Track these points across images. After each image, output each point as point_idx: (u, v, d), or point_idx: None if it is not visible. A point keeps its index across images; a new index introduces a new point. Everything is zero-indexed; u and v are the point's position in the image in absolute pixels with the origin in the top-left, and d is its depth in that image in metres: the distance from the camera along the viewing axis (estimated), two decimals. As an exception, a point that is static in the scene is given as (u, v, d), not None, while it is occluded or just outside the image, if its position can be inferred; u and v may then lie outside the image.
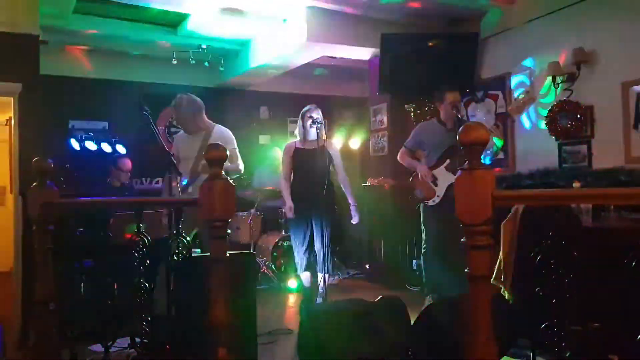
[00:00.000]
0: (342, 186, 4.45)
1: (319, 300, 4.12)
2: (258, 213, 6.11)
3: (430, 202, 4.19)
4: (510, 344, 2.89)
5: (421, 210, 4.34)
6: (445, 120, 4.27)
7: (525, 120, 4.98)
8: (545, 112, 4.64)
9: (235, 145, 4.07)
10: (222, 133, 4.05)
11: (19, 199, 3.99)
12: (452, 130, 4.12)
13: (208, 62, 6.44)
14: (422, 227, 4.36)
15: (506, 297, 3.31)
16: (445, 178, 4.10)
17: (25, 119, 4.10)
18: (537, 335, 2.03)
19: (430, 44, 5.43)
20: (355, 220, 4.49)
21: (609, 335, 2.24)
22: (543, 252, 1.94)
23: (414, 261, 5.45)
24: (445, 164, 4.17)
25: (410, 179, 4.37)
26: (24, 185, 3.89)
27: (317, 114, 4.22)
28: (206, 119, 4.08)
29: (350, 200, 4.47)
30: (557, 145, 4.64)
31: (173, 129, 6.45)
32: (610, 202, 3.11)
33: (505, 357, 2.92)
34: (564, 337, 1.92)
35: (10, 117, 4.32)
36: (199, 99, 4.03)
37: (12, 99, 4.10)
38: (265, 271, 5.75)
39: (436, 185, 4.17)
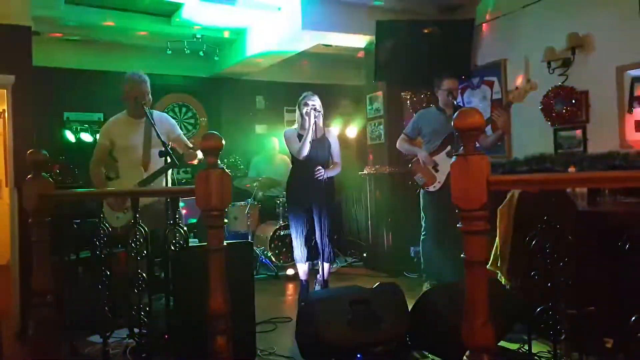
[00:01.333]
0: (330, 167, 4.19)
1: (318, 288, 4.13)
2: (255, 203, 6.12)
3: (431, 188, 4.20)
4: (506, 329, 2.92)
5: (421, 196, 4.35)
6: (443, 107, 4.29)
7: (520, 106, 4.97)
8: (540, 98, 4.64)
9: (180, 131, 3.71)
10: (164, 118, 3.67)
11: (15, 191, 3.99)
12: (452, 117, 4.09)
13: (203, 52, 6.40)
14: (422, 214, 4.36)
15: (502, 281, 3.34)
16: (446, 164, 4.10)
17: (19, 111, 4.08)
18: (532, 319, 2.04)
19: (426, 30, 5.40)
20: (320, 174, 4.07)
21: (603, 318, 2.26)
22: (538, 236, 1.94)
23: (412, 248, 5.47)
24: (446, 150, 4.17)
25: (410, 165, 4.36)
26: (19, 178, 3.88)
27: (314, 101, 4.11)
28: None
29: (328, 171, 4.14)
30: (552, 131, 4.65)
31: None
32: (604, 186, 3.13)
33: (501, 341, 2.95)
34: (559, 320, 1.94)
35: (4, 110, 4.30)
36: None
37: (5, 91, 4.08)
38: (264, 260, 5.77)
39: (437, 171, 4.18)
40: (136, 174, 3.45)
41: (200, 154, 3.48)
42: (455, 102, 4.23)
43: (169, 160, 3.24)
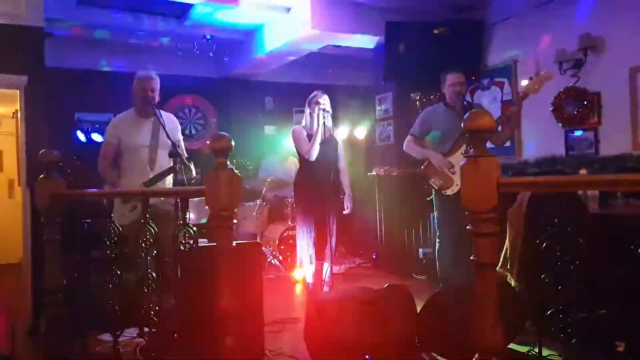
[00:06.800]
0: (340, 174, 4.26)
1: (326, 289, 4.13)
2: (264, 203, 6.13)
3: (449, 192, 3.92)
4: (516, 332, 2.90)
5: (435, 201, 4.07)
6: (452, 104, 4.07)
7: (531, 107, 4.94)
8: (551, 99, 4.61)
9: (181, 137, 3.65)
10: (171, 118, 3.62)
11: (27, 191, 4.03)
12: (462, 114, 3.91)
13: (212, 53, 6.42)
14: (437, 221, 4.10)
15: (512, 284, 3.32)
16: None
17: (32, 112, 4.12)
18: (543, 322, 2.03)
19: (436, 31, 5.39)
20: (347, 210, 4.28)
21: (615, 322, 2.24)
22: (549, 239, 1.93)
23: (420, 250, 5.45)
24: (461, 150, 3.89)
25: (423, 167, 4.11)
26: (31, 178, 3.92)
27: (324, 101, 4.10)
28: None
29: (346, 190, 4.30)
30: (564, 132, 4.61)
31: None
32: (616, 189, 3.10)
33: (511, 344, 2.93)
34: (570, 324, 1.92)
35: (16, 110, 4.34)
36: None
37: (18, 91, 4.11)
38: (272, 261, 5.78)
39: (453, 173, 3.89)
40: (142, 174, 3.39)
41: (193, 171, 3.38)
42: (461, 97, 4.00)
43: (177, 161, 3.24)
